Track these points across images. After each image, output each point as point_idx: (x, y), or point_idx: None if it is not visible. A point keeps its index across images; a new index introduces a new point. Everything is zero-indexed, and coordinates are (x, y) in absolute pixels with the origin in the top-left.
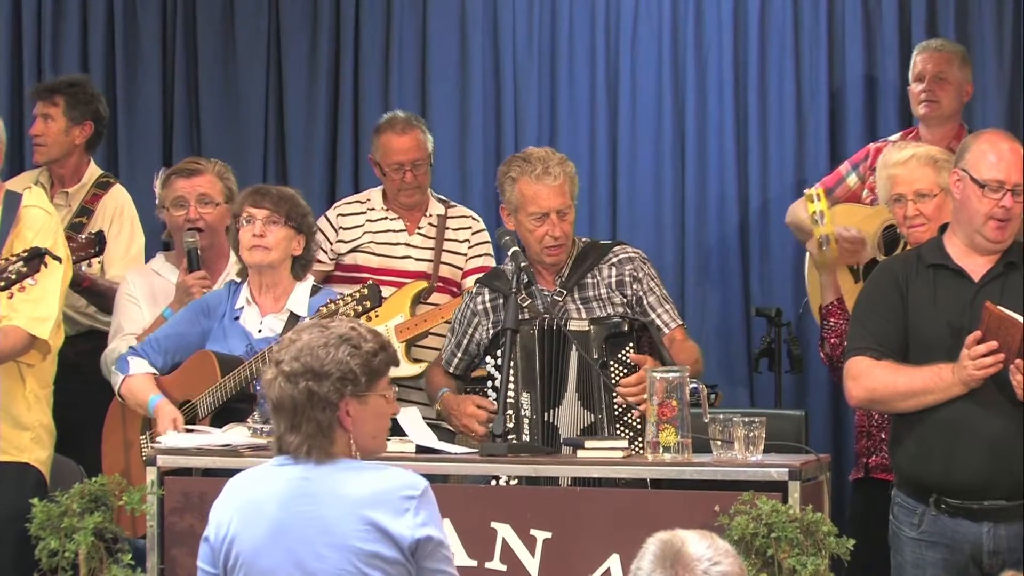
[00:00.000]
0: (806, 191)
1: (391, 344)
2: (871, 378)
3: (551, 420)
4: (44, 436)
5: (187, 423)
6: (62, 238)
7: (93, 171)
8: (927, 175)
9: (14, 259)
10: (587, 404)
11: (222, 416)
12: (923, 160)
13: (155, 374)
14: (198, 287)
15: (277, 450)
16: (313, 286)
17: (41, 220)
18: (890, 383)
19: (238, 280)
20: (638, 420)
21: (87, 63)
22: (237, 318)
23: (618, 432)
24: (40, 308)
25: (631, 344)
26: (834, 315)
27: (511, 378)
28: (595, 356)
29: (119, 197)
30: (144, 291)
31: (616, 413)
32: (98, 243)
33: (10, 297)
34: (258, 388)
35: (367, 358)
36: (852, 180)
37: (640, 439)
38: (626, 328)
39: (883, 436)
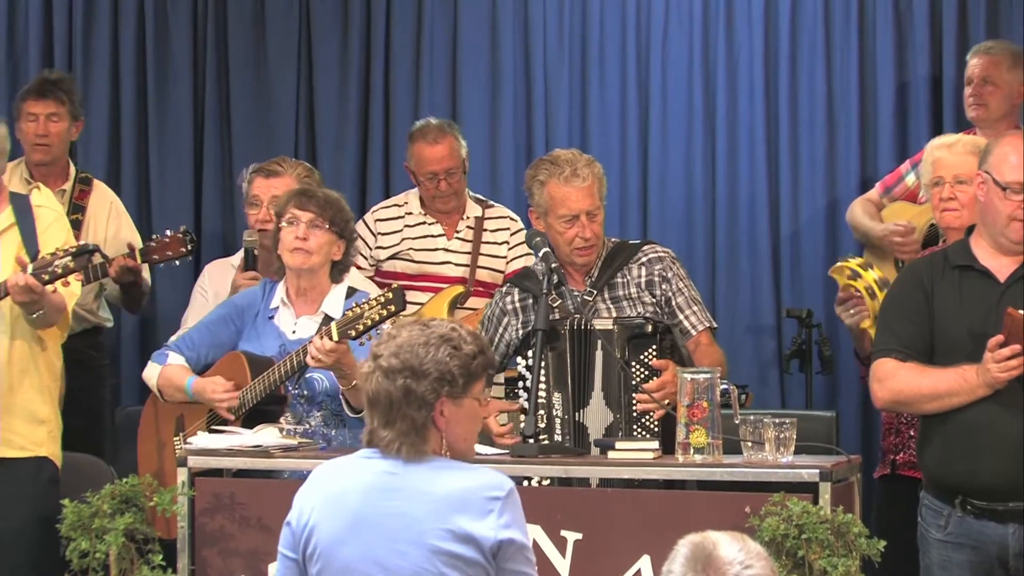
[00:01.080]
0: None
1: (490, 347)
2: (896, 380)
3: (581, 420)
4: (57, 430)
5: (217, 424)
6: (71, 236)
7: (72, 168)
8: (969, 162)
9: (61, 253)
10: (609, 403)
11: (253, 418)
12: (968, 147)
13: (190, 370)
14: (247, 287)
15: (367, 443)
16: (348, 288)
17: (50, 218)
18: (915, 385)
19: (273, 279)
20: (656, 423)
21: (118, 64)
22: (271, 317)
23: (635, 433)
24: (73, 286)
25: (654, 347)
26: None
27: (543, 378)
28: (618, 355)
29: (107, 195)
30: (218, 286)
31: (635, 414)
32: (189, 242)
33: (53, 291)
34: (290, 389)
35: (466, 360)
36: (911, 179)
37: (656, 442)
38: (649, 329)
39: (911, 433)
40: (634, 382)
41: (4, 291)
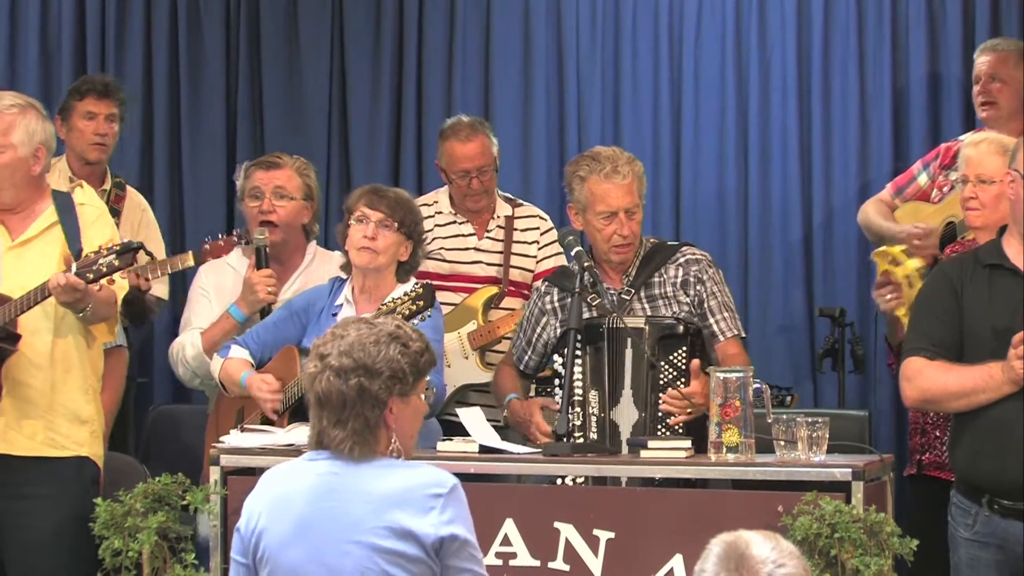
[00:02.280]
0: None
1: (431, 345)
2: (924, 378)
3: (613, 418)
4: (99, 430)
5: (268, 421)
6: (116, 233)
7: (109, 172)
8: (994, 162)
9: (105, 252)
10: (637, 401)
11: (300, 412)
12: (994, 146)
13: (251, 364)
14: (263, 285)
15: (316, 444)
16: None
17: (94, 215)
18: (942, 383)
19: (343, 276)
20: (680, 425)
21: (151, 64)
22: (335, 314)
23: (659, 433)
24: (121, 283)
25: (684, 348)
26: None
27: (579, 376)
28: (647, 354)
29: (140, 202)
30: (216, 285)
31: (659, 414)
32: (245, 244)
33: (99, 289)
34: None
35: (415, 357)
36: (923, 179)
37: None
38: (681, 330)
39: (937, 434)
40: (662, 382)
41: (47, 291)
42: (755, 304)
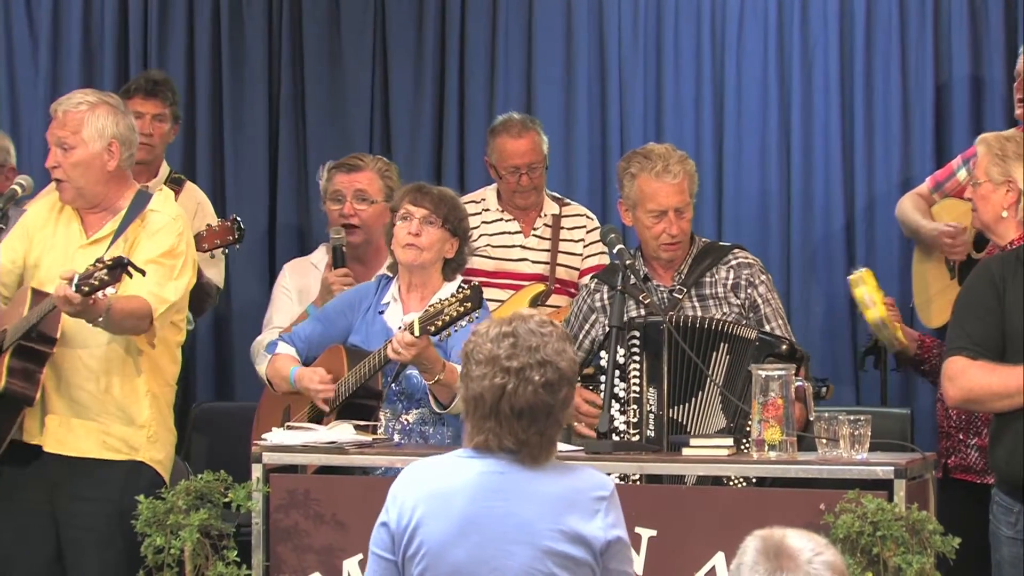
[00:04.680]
0: (850, 277)
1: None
2: (967, 378)
3: (677, 417)
4: (163, 435)
5: (315, 419)
6: (188, 237)
7: (164, 168)
8: (982, 162)
9: (100, 266)
10: (726, 408)
11: (348, 410)
12: (988, 148)
13: (298, 361)
14: (339, 285)
15: (497, 447)
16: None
17: (159, 224)
18: (985, 383)
19: (389, 275)
20: None
21: (193, 63)
22: (382, 312)
23: (743, 447)
24: (164, 290)
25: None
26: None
27: (636, 373)
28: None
29: (197, 195)
30: (298, 284)
31: (747, 430)
32: (237, 230)
33: (92, 303)
34: (388, 384)
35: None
36: (962, 175)
37: (730, 439)
38: (784, 349)
39: (961, 436)
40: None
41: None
42: (797, 302)
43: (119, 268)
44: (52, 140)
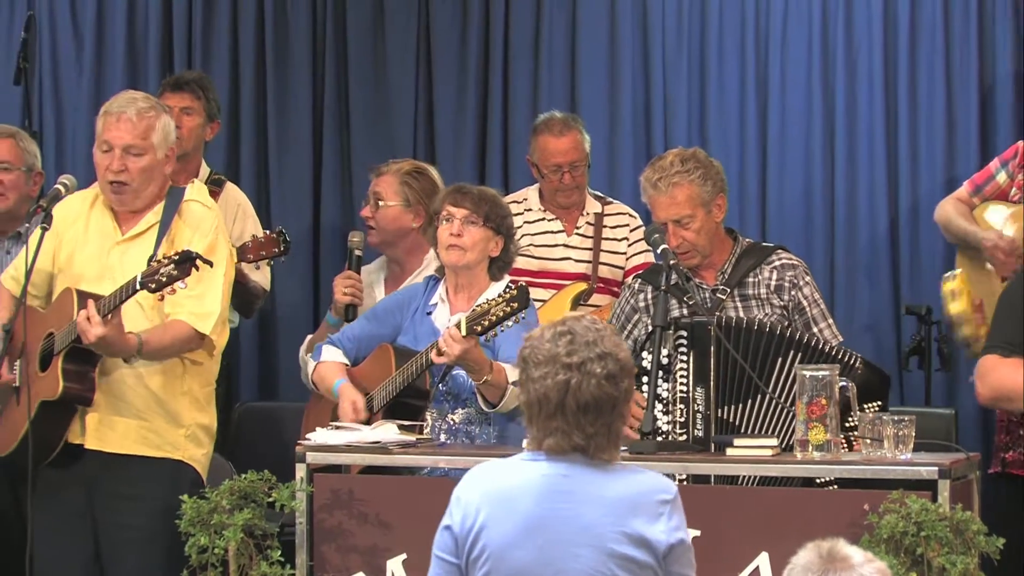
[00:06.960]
0: (947, 274)
1: None
2: (996, 376)
3: (728, 416)
4: (201, 434)
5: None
6: (223, 234)
7: (204, 168)
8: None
9: (166, 261)
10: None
11: (395, 410)
12: None
13: (346, 364)
14: (339, 287)
15: (570, 447)
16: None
17: (199, 215)
18: (1014, 380)
19: (437, 276)
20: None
21: (237, 64)
22: (429, 313)
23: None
24: (204, 303)
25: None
26: None
27: (683, 372)
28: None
29: (237, 196)
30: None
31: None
32: (283, 242)
33: (160, 299)
34: (436, 384)
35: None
36: (1002, 177)
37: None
38: (851, 362)
39: (1021, 432)
40: None
41: (131, 290)
42: (841, 302)
43: (187, 262)
44: (117, 144)
